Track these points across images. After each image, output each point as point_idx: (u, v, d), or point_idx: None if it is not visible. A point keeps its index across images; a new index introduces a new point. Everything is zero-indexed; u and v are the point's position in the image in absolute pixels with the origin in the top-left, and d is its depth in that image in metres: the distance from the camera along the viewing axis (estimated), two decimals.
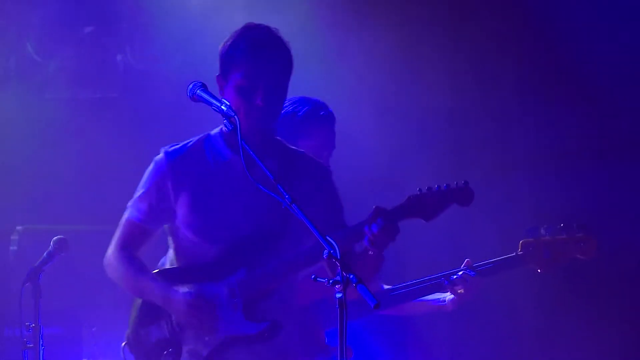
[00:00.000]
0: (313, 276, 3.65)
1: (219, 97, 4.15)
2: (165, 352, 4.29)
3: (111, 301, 6.00)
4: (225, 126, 4.01)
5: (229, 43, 4.24)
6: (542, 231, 5.00)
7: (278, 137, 4.39)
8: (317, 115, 5.04)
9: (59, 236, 5.03)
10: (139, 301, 4.39)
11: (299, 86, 5.71)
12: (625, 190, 6.59)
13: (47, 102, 7.15)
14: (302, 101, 5.07)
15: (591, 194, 6.52)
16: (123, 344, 4.41)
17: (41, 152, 6.98)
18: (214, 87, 4.22)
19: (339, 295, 3.48)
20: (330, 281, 3.51)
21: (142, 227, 4.34)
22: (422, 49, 6.80)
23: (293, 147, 4.42)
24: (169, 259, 4.41)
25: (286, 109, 4.97)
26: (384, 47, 6.85)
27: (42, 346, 5.05)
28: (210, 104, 4.07)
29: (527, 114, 6.85)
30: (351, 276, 3.47)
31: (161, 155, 4.34)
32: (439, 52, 6.84)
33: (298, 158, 4.38)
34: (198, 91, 4.12)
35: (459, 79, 6.87)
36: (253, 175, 3.86)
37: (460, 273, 5.00)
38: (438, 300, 5.13)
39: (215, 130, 4.38)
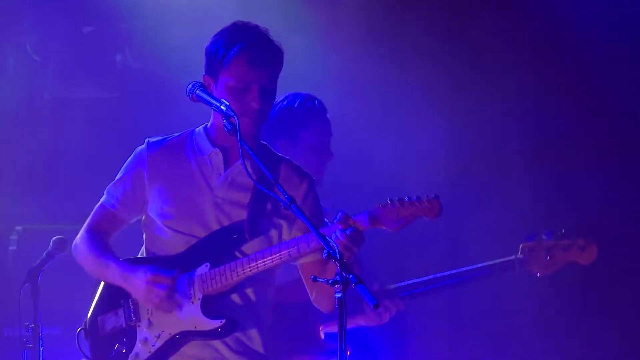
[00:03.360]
0: (313, 276, 3.66)
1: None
2: (118, 343, 4.31)
3: None
4: (225, 126, 4.01)
5: (220, 42, 4.23)
6: (544, 236, 5.05)
7: (263, 142, 4.40)
8: (311, 105, 5.13)
9: (58, 236, 5.03)
10: (100, 287, 4.42)
11: (297, 82, 5.72)
12: (625, 189, 6.59)
13: (47, 102, 7.14)
14: (294, 95, 5.16)
15: (591, 193, 6.52)
16: (79, 329, 4.44)
17: (41, 152, 6.97)
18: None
19: (338, 295, 3.48)
20: (330, 281, 3.51)
21: (113, 214, 4.39)
22: (421, 48, 6.80)
23: (279, 154, 4.43)
24: (141, 255, 4.43)
25: (281, 104, 5.05)
26: (384, 45, 6.86)
27: (41, 346, 5.05)
28: (210, 103, 4.10)
29: (527, 113, 6.85)
30: (350, 276, 3.47)
31: (143, 145, 4.39)
32: (438, 50, 6.84)
33: (283, 164, 4.38)
34: (197, 91, 4.15)
35: (458, 77, 6.86)
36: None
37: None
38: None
39: (200, 128, 4.40)
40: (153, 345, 4.24)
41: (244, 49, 4.18)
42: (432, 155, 6.79)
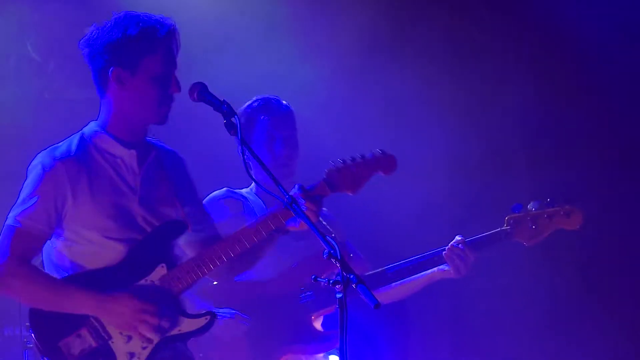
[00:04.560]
0: (313, 276, 3.66)
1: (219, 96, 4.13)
2: None
3: None
4: (226, 126, 4.00)
5: (133, 31, 4.16)
6: (529, 207, 5.08)
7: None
8: (256, 105, 5.22)
9: None
10: (40, 317, 4.11)
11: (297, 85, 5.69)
12: (625, 189, 6.60)
13: (47, 102, 7.13)
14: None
15: (591, 193, 6.53)
16: (42, 358, 4.15)
17: None
18: (213, 87, 4.22)
19: (339, 295, 3.48)
20: (330, 281, 3.51)
21: (38, 236, 4.12)
22: (421, 48, 6.81)
23: (152, 140, 4.36)
24: (52, 268, 4.20)
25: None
26: (384, 45, 6.86)
27: None
28: (211, 104, 4.08)
29: (527, 113, 6.85)
30: (351, 276, 3.47)
31: (49, 160, 4.17)
32: (438, 50, 6.84)
33: (154, 148, 4.34)
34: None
35: (458, 77, 6.87)
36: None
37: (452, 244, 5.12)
38: (437, 269, 5.16)
39: (92, 128, 4.31)
40: (139, 358, 4.13)
41: (169, 34, 4.16)
42: (431, 156, 6.79)
